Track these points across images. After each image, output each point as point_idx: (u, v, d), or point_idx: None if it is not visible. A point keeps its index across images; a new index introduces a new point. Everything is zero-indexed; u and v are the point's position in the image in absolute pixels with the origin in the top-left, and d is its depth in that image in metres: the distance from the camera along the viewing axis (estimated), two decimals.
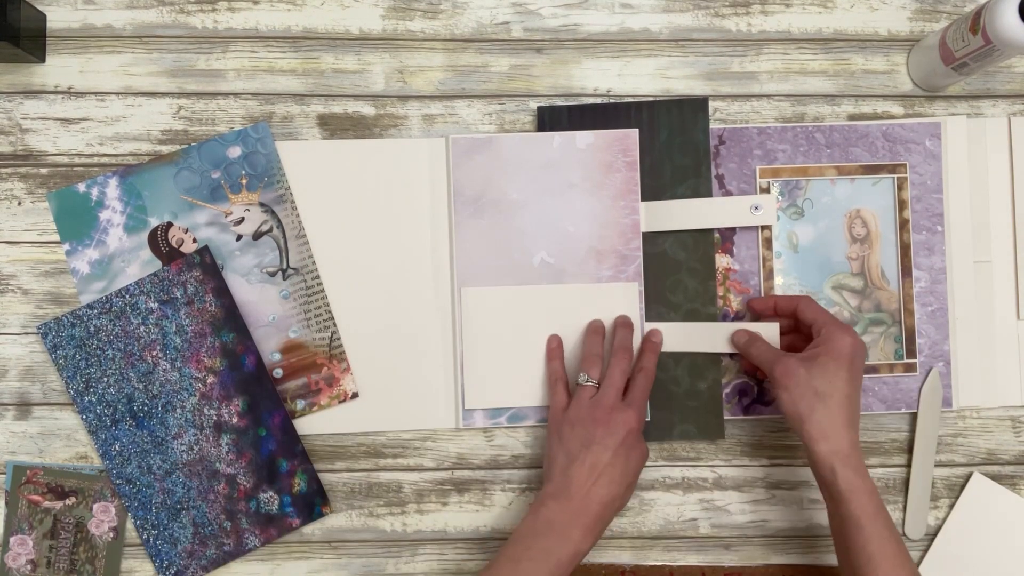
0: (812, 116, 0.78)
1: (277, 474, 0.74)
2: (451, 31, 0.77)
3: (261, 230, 0.75)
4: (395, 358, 0.75)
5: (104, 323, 0.73)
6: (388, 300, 0.75)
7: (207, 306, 0.74)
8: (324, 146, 0.76)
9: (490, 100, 0.77)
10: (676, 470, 0.77)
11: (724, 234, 0.76)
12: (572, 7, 0.77)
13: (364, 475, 0.76)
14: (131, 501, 0.73)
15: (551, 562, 0.61)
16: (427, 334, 0.75)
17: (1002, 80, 0.78)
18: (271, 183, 0.75)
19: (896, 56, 0.78)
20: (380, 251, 0.75)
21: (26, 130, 0.75)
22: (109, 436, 0.73)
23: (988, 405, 0.77)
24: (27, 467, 0.74)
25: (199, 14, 0.76)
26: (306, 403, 0.75)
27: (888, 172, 0.76)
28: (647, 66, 0.77)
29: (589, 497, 0.63)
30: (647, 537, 0.77)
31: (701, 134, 0.76)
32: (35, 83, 0.75)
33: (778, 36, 0.78)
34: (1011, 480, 0.77)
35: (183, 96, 0.76)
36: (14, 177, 0.75)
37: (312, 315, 0.75)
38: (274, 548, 0.75)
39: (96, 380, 0.73)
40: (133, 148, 0.75)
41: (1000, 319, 0.77)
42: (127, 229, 0.75)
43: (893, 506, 0.77)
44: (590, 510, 0.63)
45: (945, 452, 0.77)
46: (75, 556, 0.74)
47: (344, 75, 0.76)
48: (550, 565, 0.61)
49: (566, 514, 0.63)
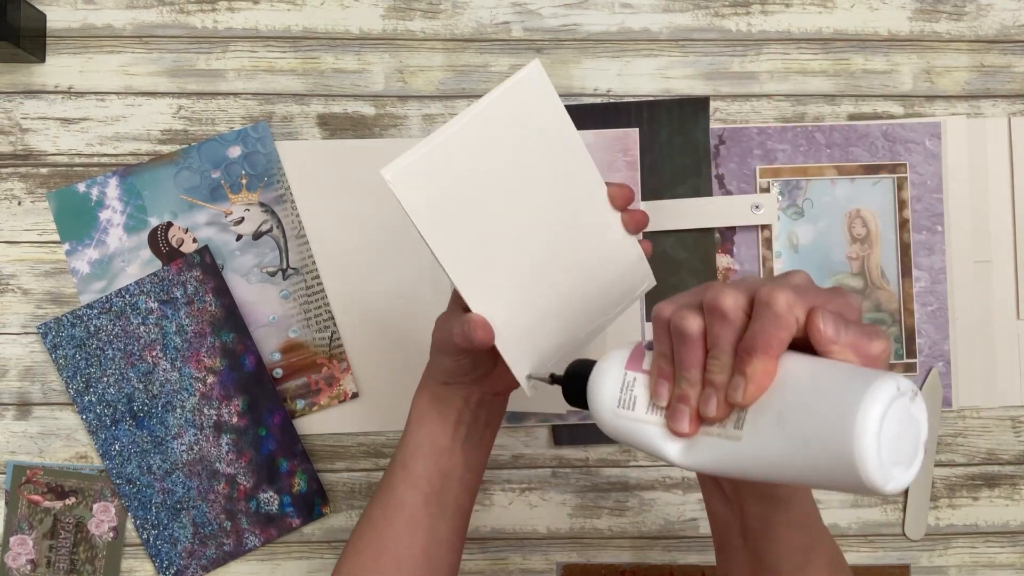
0: (812, 116, 0.78)
1: (277, 474, 0.74)
2: (451, 31, 0.77)
3: (261, 230, 0.75)
4: (395, 358, 0.75)
5: (104, 323, 0.73)
6: (388, 300, 0.75)
7: (207, 306, 0.74)
8: (324, 146, 0.76)
9: None
10: (676, 470, 0.77)
11: (724, 234, 0.76)
12: (572, 7, 0.77)
13: (364, 475, 0.76)
14: (131, 501, 0.73)
15: None
16: (427, 334, 0.75)
17: (1002, 80, 0.78)
18: (271, 183, 0.75)
19: (896, 56, 0.78)
20: (380, 251, 0.75)
21: (26, 130, 0.75)
22: (109, 436, 0.73)
23: (988, 405, 0.77)
24: (27, 467, 0.74)
25: (199, 14, 0.76)
26: (306, 403, 0.75)
27: (888, 172, 0.76)
28: (647, 66, 0.77)
29: None
30: (647, 537, 0.77)
31: (701, 134, 0.76)
32: (35, 83, 0.75)
33: (778, 36, 0.78)
34: (1011, 480, 0.77)
35: (183, 96, 0.76)
36: (14, 177, 0.75)
37: (312, 315, 0.75)
38: (274, 548, 0.75)
39: (96, 380, 0.73)
40: (133, 148, 0.75)
41: (1000, 319, 0.77)
42: (127, 229, 0.74)
43: (893, 506, 0.77)
44: None
45: (945, 452, 0.77)
46: (75, 556, 0.74)
47: (344, 75, 0.76)
48: None
49: None
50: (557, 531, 0.76)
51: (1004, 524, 0.77)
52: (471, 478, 0.58)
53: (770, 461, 0.37)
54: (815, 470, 0.35)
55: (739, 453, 0.38)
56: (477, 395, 0.56)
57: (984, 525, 0.77)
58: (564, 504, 0.76)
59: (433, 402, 0.57)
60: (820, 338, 0.37)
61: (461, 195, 0.47)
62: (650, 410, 0.42)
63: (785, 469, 0.36)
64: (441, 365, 0.55)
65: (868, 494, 0.35)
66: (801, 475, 0.36)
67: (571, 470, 0.76)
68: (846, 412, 0.33)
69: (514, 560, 0.76)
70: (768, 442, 0.37)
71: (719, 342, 0.39)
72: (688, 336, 0.39)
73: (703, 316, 0.39)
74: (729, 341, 0.39)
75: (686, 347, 0.40)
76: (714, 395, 0.39)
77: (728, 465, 0.39)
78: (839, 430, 0.34)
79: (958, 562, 0.77)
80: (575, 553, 0.76)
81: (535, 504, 0.76)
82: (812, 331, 0.37)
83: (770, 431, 0.37)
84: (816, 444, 0.35)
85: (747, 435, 0.38)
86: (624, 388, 0.43)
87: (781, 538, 0.46)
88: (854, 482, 0.34)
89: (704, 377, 0.40)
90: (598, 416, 0.44)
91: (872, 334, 0.37)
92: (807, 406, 0.36)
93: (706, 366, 0.40)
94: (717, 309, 0.38)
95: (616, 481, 0.77)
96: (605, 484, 0.77)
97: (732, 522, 0.48)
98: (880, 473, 0.33)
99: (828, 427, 0.34)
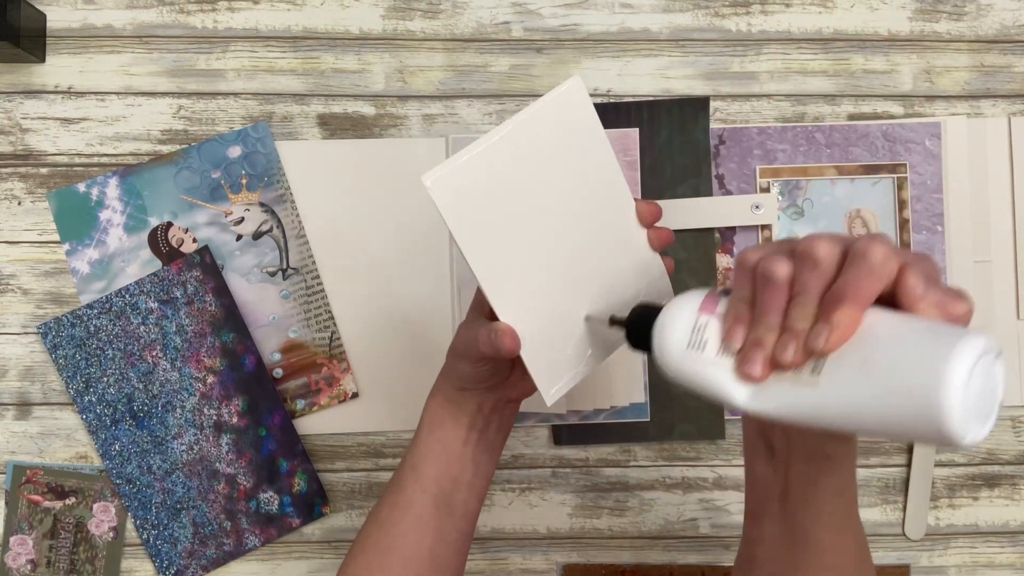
0: (812, 116, 0.78)
1: (277, 474, 0.74)
2: (451, 31, 0.77)
3: (261, 230, 0.75)
4: (395, 358, 0.75)
5: (104, 323, 0.73)
6: (388, 300, 0.75)
7: (207, 306, 0.74)
8: (324, 146, 0.76)
9: (490, 100, 0.77)
10: (676, 470, 0.77)
11: (724, 234, 0.76)
12: (572, 7, 0.77)
13: (364, 475, 0.76)
14: (131, 501, 0.73)
15: None
16: (427, 334, 0.75)
17: (1002, 80, 0.78)
18: (271, 183, 0.75)
19: (896, 56, 0.78)
20: (380, 251, 0.75)
21: (26, 130, 0.75)
22: (109, 436, 0.73)
23: None
24: (27, 467, 0.74)
25: (199, 14, 0.76)
26: (306, 403, 0.75)
27: (888, 172, 0.76)
28: (647, 66, 0.77)
29: None
30: (647, 537, 0.77)
31: (701, 134, 0.76)
32: (35, 83, 0.75)
33: (778, 36, 0.78)
34: (1011, 480, 0.77)
35: (183, 96, 0.76)
36: (14, 177, 0.75)
37: (312, 315, 0.75)
38: (274, 548, 0.75)
39: (96, 380, 0.73)
40: (133, 148, 0.75)
41: (1000, 319, 0.77)
42: (127, 229, 0.74)
43: (893, 506, 0.77)
44: None
45: (945, 452, 0.77)
46: (75, 556, 0.74)
47: (344, 75, 0.76)
48: None
49: None
50: (557, 531, 0.76)
51: (1004, 524, 0.77)
52: (480, 483, 0.58)
53: (848, 407, 0.37)
54: (895, 417, 0.36)
55: (813, 399, 0.39)
56: (491, 401, 0.56)
57: (984, 525, 0.77)
58: (564, 504, 0.76)
59: (447, 406, 0.57)
60: (909, 294, 0.37)
61: (496, 204, 0.48)
62: (721, 353, 0.42)
63: (863, 415, 0.37)
64: (459, 371, 0.55)
65: (943, 444, 0.35)
66: (879, 422, 0.37)
67: (571, 470, 0.76)
68: (936, 362, 0.34)
69: (514, 560, 0.76)
70: (848, 388, 0.37)
71: (807, 288, 0.39)
72: (774, 280, 0.39)
73: (792, 263, 0.39)
74: (818, 289, 0.39)
75: (770, 292, 0.40)
76: (793, 341, 0.39)
77: (798, 411, 0.39)
78: (928, 379, 0.34)
79: (958, 562, 0.77)
80: (575, 553, 0.76)
81: (535, 504, 0.76)
82: (902, 287, 0.37)
83: (852, 377, 0.37)
84: (902, 391, 0.35)
85: (825, 381, 0.38)
86: (695, 330, 0.43)
87: (821, 504, 0.46)
88: (933, 431, 0.34)
89: (784, 324, 0.40)
90: (664, 356, 0.44)
91: (957, 295, 0.38)
92: (894, 355, 0.36)
93: (788, 312, 0.39)
94: (810, 256, 0.38)
95: (616, 481, 0.77)
96: (605, 484, 0.77)
97: (773, 484, 0.48)
98: (962, 425, 0.34)
99: (917, 375, 0.35)
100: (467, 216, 0.47)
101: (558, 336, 0.51)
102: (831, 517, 0.46)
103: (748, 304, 0.41)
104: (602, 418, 0.75)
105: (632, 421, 0.75)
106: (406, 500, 0.56)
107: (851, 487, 0.47)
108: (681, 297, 0.45)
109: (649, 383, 0.75)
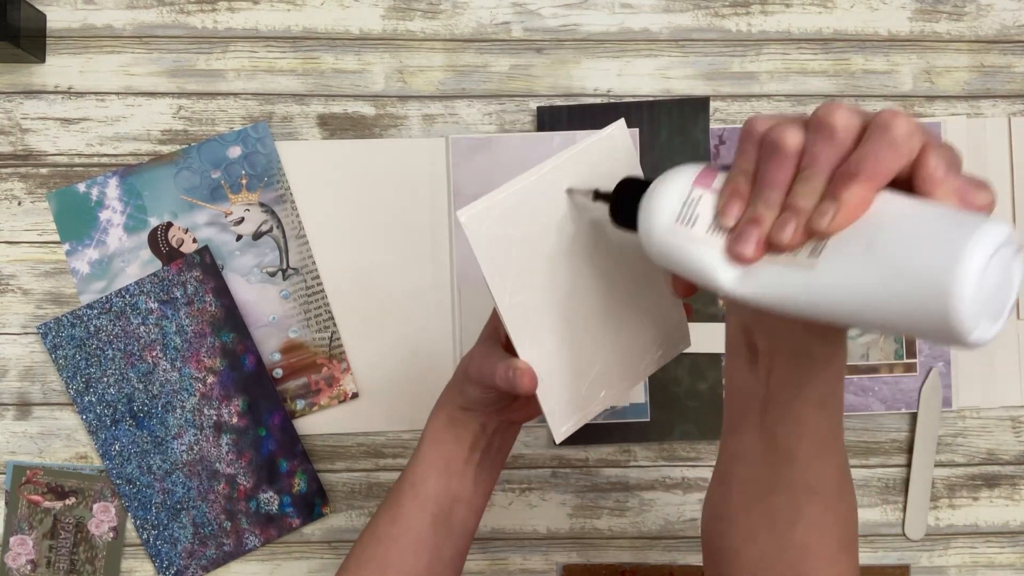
0: None
1: (277, 474, 0.74)
2: (451, 31, 0.77)
3: (261, 230, 0.75)
4: (395, 358, 0.75)
5: (104, 323, 0.73)
6: (388, 300, 0.75)
7: (207, 306, 0.74)
8: (324, 146, 0.76)
9: (490, 100, 0.77)
10: (676, 470, 0.77)
11: None
12: (572, 7, 0.77)
13: (364, 475, 0.76)
14: (131, 501, 0.73)
15: None
16: (427, 334, 0.75)
17: (1002, 80, 0.78)
18: (271, 183, 0.75)
19: (896, 56, 0.78)
20: (380, 251, 0.75)
21: (26, 130, 0.75)
22: (109, 436, 0.73)
23: (988, 405, 0.77)
24: (27, 467, 0.74)
25: (199, 14, 0.76)
26: (306, 403, 0.75)
27: None
28: (647, 66, 0.77)
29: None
30: (647, 537, 0.77)
31: (701, 134, 0.76)
32: (35, 83, 0.75)
33: (778, 36, 0.78)
34: (1011, 480, 0.77)
35: (183, 96, 0.76)
36: (14, 177, 0.75)
37: (312, 315, 0.75)
38: (274, 548, 0.75)
39: (96, 380, 0.73)
40: (133, 148, 0.75)
41: None
42: (127, 229, 0.75)
43: (893, 506, 0.77)
44: None
45: (945, 452, 0.77)
46: (75, 556, 0.74)
47: (344, 75, 0.76)
48: None
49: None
50: (557, 531, 0.76)
51: (1004, 524, 0.77)
52: (479, 501, 0.57)
53: (846, 292, 0.34)
54: (898, 304, 0.32)
55: (808, 284, 0.35)
56: (495, 423, 0.56)
57: (984, 525, 0.77)
58: (564, 504, 0.76)
59: (450, 425, 0.56)
60: (929, 176, 0.33)
61: (527, 243, 0.47)
62: (711, 231, 0.38)
63: (863, 302, 0.33)
64: (467, 393, 0.54)
65: (948, 339, 0.32)
66: (879, 309, 0.33)
67: (571, 470, 0.76)
68: (952, 247, 0.31)
69: (514, 560, 0.76)
70: (849, 272, 0.34)
71: (817, 161, 0.35)
72: (782, 151, 0.35)
73: (804, 133, 0.35)
74: (831, 162, 0.34)
75: (775, 163, 0.36)
76: (793, 219, 0.35)
77: (791, 296, 0.36)
78: (940, 264, 0.31)
79: (958, 562, 0.77)
80: (575, 553, 0.76)
81: (535, 504, 0.76)
82: (921, 167, 0.34)
83: (855, 260, 0.34)
84: (909, 276, 0.32)
85: (824, 264, 0.34)
86: (687, 204, 0.39)
87: (804, 417, 0.42)
88: (939, 323, 0.31)
89: (786, 202, 0.36)
90: (649, 230, 0.40)
91: (980, 184, 0.34)
92: (906, 236, 0.33)
93: (792, 188, 0.35)
94: (826, 124, 0.34)
95: (616, 481, 0.77)
96: (605, 484, 0.77)
97: (754, 393, 0.43)
98: (972, 318, 0.31)
99: (929, 257, 0.31)
100: (498, 253, 0.46)
101: (573, 375, 0.51)
102: (814, 433, 0.42)
103: (749, 177, 0.37)
104: (602, 418, 0.75)
105: (632, 421, 0.75)
106: (405, 517, 0.56)
107: (836, 402, 0.42)
108: (676, 168, 0.40)
109: (649, 383, 0.75)
